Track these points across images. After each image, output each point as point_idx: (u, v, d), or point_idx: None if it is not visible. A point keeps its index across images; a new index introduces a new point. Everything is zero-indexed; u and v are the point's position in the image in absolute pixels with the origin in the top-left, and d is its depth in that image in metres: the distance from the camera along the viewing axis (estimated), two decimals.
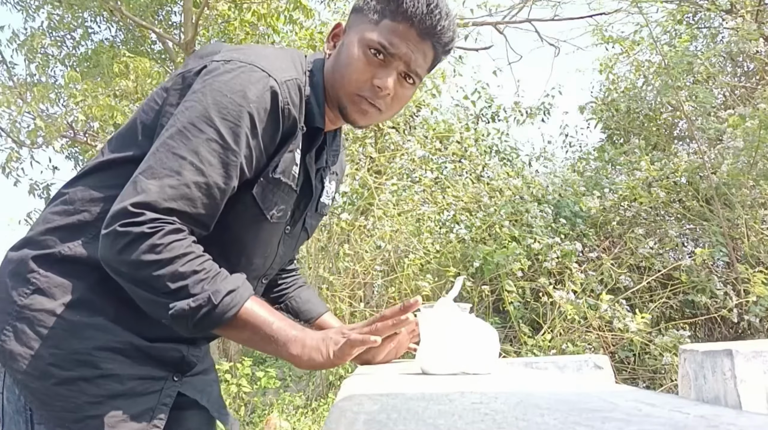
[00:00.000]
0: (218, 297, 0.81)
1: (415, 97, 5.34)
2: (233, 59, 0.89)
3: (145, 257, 0.79)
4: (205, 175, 0.83)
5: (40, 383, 0.85)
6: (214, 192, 0.85)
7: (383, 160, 4.92)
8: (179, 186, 0.82)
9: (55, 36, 7.02)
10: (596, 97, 6.32)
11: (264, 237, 0.99)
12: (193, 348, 1.00)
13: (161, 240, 0.80)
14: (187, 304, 0.80)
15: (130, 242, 0.80)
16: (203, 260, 0.83)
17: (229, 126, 0.85)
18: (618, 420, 0.45)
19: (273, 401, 4.37)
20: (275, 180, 0.94)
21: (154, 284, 0.80)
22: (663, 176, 4.60)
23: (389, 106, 0.99)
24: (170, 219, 0.82)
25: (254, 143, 0.88)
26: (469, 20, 7.04)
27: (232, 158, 0.85)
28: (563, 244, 4.20)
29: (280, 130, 0.91)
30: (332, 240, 4.69)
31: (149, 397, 0.90)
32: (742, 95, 5.70)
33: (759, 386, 1.55)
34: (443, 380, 0.86)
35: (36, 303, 0.87)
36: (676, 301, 4.23)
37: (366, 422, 0.49)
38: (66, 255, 0.90)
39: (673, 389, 3.57)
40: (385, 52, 0.94)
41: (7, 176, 6.31)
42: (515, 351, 3.93)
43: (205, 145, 0.84)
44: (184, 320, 0.81)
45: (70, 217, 0.92)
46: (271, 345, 0.86)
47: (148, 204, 0.81)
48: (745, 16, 5.19)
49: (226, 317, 0.82)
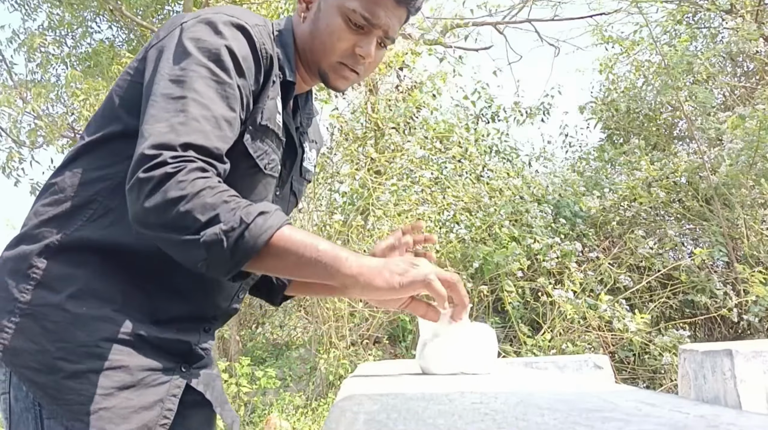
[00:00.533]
0: (250, 217, 0.77)
1: (415, 98, 5.34)
2: (201, 15, 0.91)
3: (171, 194, 0.76)
4: (209, 108, 0.83)
5: (49, 378, 0.84)
6: (223, 124, 0.84)
7: (383, 160, 4.92)
8: (188, 121, 0.81)
9: (55, 35, 7.02)
10: (596, 97, 6.32)
11: (259, 191, 0.98)
12: (204, 336, 1.00)
13: (185, 176, 0.77)
14: (219, 228, 0.75)
15: (155, 186, 0.76)
16: (232, 192, 0.80)
17: (216, 62, 0.85)
18: (618, 420, 0.45)
19: (273, 401, 4.37)
20: (263, 127, 0.94)
21: (184, 222, 0.76)
22: (663, 176, 4.60)
23: (367, 69, 1.03)
24: (190, 156, 0.79)
25: (241, 81, 0.88)
26: (469, 20, 7.04)
27: (230, 91, 0.86)
28: (563, 244, 4.20)
29: (261, 69, 0.92)
30: (332, 240, 4.69)
31: (158, 388, 0.90)
32: (742, 95, 5.71)
33: (759, 386, 1.55)
34: (443, 380, 0.86)
35: (39, 298, 0.86)
36: (675, 301, 4.23)
37: (366, 422, 0.49)
38: (64, 244, 0.89)
39: (673, 389, 3.57)
40: (367, 23, 0.96)
41: (7, 176, 6.31)
42: (515, 351, 3.93)
43: (201, 83, 0.84)
44: (218, 249, 0.76)
45: (62, 205, 0.91)
46: (320, 270, 0.80)
47: (163, 144, 0.78)
48: (745, 16, 5.19)
49: (262, 240, 0.77)
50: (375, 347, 4.49)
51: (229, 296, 1.03)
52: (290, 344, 5.90)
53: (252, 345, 5.85)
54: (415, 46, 5.48)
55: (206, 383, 1.01)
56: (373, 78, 5.26)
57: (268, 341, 6.19)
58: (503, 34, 7.72)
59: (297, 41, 1.03)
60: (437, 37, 6.50)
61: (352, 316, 4.40)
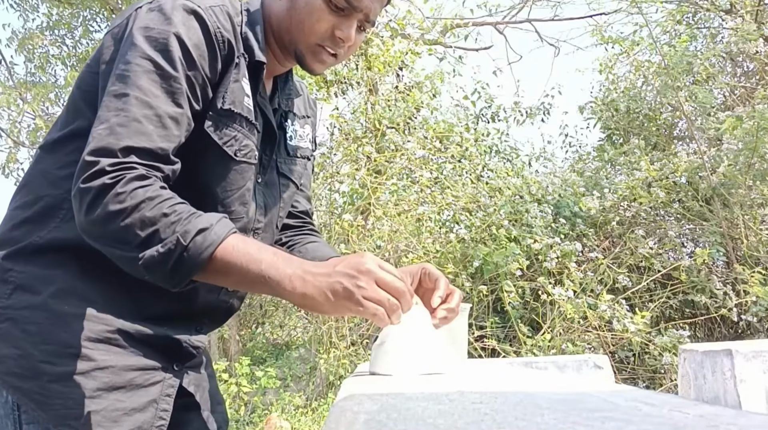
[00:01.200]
0: (188, 238, 0.74)
1: (414, 98, 5.34)
2: (155, 1, 0.87)
3: (110, 208, 0.74)
4: (152, 106, 0.79)
5: (34, 383, 0.81)
6: (167, 122, 0.80)
7: (383, 160, 4.92)
8: (129, 123, 0.77)
9: (54, 36, 7.01)
10: (596, 97, 6.31)
11: (235, 180, 0.93)
12: (196, 335, 0.96)
13: (124, 188, 0.74)
14: (156, 250, 0.73)
15: (94, 198, 0.74)
16: (174, 202, 0.76)
17: (162, 54, 0.81)
18: (618, 420, 0.45)
19: (273, 401, 4.37)
20: (226, 112, 0.89)
21: (125, 237, 0.74)
22: (662, 176, 4.60)
23: (345, 53, 0.99)
24: (130, 162, 0.76)
25: (192, 70, 0.84)
26: (469, 20, 7.04)
27: (176, 86, 0.81)
28: (563, 244, 4.20)
29: (217, 55, 0.87)
30: (332, 240, 4.69)
31: (151, 388, 0.87)
32: (742, 95, 5.71)
33: (759, 385, 1.55)
34: (443, 380, 0.86)
35: (19, 301, 0.84)
36: (675, 301, 4.23)
37: (366, 422, 0.49)
38: (40, 245, 0.86)
39: (673, 389, 3.57)
40: (348, 5, 0.92)
41: (7, 176, 6.31)
42: (515, 351, 3.93)
43: (144, 78, 0.80)
44: (158, 269, 0.74)
45: (34, 206, 0.88)
46: (266, 286, 0.77)
47: (101, 149, 0.75)
48: (744, 17, 5.19)
49: (202, 259, 0.74)
50: None
51: (214, 287, 0.97)
52: (290, 344, 5.90)
53: (252, 345, 5.85)
54: (415, 46, 5.48)
55: (197, 384, 0.99)
56: (373, 78, 5.26)
57: (268, 341, 6.19)
58: (503, 34, 7.72)
59: (272, 20, 0.98)
60: (437, 37, 6.50)
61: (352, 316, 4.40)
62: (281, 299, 6.44)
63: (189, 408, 0.98)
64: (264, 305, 6.19)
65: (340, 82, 5.18)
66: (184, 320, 0.96)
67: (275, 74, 1.05)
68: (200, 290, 0.96)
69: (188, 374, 0.97)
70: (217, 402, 1.05)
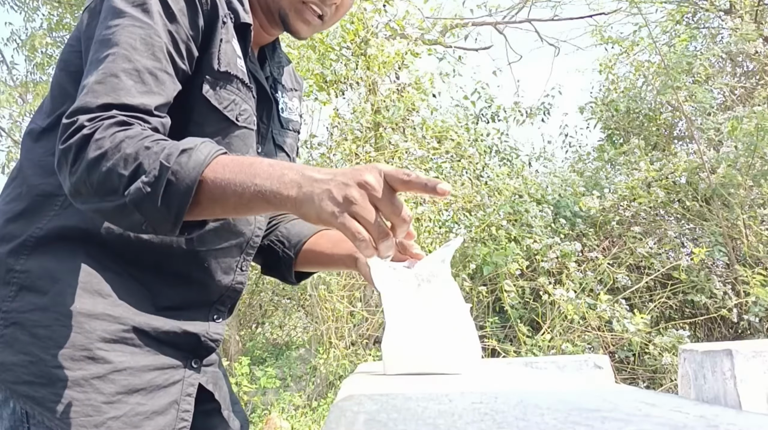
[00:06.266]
0: (171, 160, 0.67)
1: (410, 98, 5.34)
2: None
3: (90, 155, 0.67)
4: (131, 59, 0.73)
5: (47, 390, 0.75)
6: (147, 77, 0.74)
7: (382, 159, 4.92)
8: (106, 79, 0.71)
9: (55, 36, 7.01)
10: (596, 98, 6.32)
11: (238, 147, 0.88)
12: (213, 327, 0.92)
13: (103, 133, 0.68)
14: (141, 181, 0.66)
15: (76, 153, 0.68)
16: (156, 137, 0.70)
17: (140, 8, 0.77)
18: (618, 420, 0.45)
19: (273, 401, 4.37)
20: (224, 74, 0.84)
21: (110, 182, 0.67)
22: (662, 176, 4.60)
23: (333, 15, 0.93)
24: (109, 114, 0.70)
25: (172, 26, 0.79)
26: (469, 20, 7.04)
27: (156, 39, 0.76)
28: (563, 244, 4.20)
29: (198, 10, 0.82)
30: None
31: (171, 388, 0.83)
32: (742, 95, 5.71)
33: (759, 386, 1.55)
34: (443, 380, 0.85)
35: (25, 304, 0.78)
36: (675, 301, 4.23)
37: (366, 422, 0.49)
38: (40, 237, 0.80)
39: (673, 389, 3.57)
40: None
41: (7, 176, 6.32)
42: (515, 351, 3.93)
43: (123, 33, 0.74)
44: (149, 205, 0.67)
45: (29, 197, 0.82)
46: (265, 201, 0.68)
47: (78, 109, 0.70)
48: (744, 17, 5.19)
49: (191, 179, 0.66)
50: (375, 347, 4.48)
51: (229, 268, 0.93)
52: (290, 344, 5.90)
53: (252, 345, 5.84)
54: (415, 46, 5.48)
55: (214, 382, 0.94)
56: (373, 78, 5.26)
57: (268, 341, 6.19)
58: (503, 34, 7.72)
59: None
60: (437, 37, 6.50)
61: (352, 316, 4.40)
62: (281, 299, 6.38)
63: (210, 414, 0.94)
64: (264, 305, 6.19)
65: (340, 82, 5.18)
66: (200, 307, 0.91)
67: (261, 44, 1.01)
68: (216, 272, 0.91)
69: (206, 372, 0.93)
70: (234, 401, 1.01)
